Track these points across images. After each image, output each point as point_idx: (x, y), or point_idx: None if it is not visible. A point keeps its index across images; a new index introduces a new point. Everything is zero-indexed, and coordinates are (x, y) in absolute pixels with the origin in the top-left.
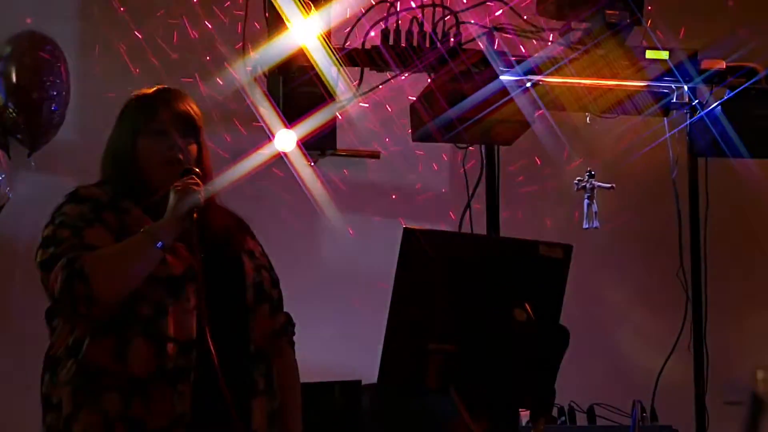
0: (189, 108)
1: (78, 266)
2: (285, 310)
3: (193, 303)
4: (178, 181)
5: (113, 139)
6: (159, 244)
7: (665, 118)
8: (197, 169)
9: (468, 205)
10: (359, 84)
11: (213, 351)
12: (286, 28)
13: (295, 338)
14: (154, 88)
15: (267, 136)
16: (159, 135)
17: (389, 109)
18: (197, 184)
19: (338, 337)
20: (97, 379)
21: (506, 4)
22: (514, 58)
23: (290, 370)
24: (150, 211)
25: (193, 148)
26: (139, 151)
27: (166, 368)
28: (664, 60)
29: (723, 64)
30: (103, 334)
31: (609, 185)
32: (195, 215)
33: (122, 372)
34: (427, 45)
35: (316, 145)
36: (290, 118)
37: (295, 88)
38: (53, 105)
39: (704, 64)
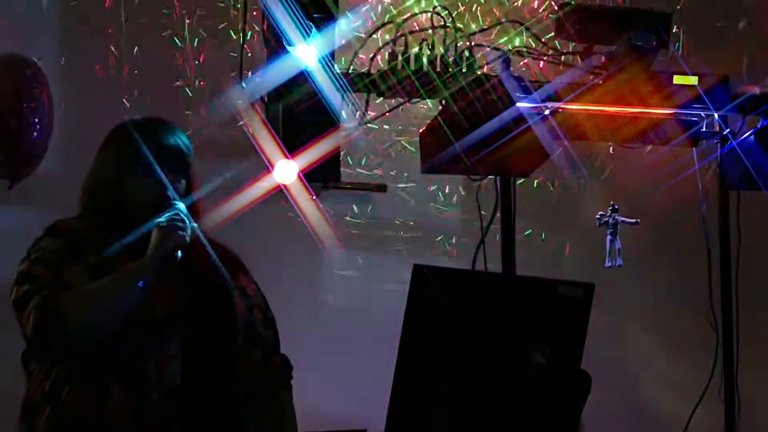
0: (179, 141)
1: (52, 305)
2: (283, 352)
3: (178, 347)
4: (162, 218)
5: (96, 170)
6: (140, 284)
7: (694, 149)
8: (183, 206)
9: (482, 241)
10: (365, 111)
11: (199, 399)
12: (287, 51)
13: (294, 383)
14: (143, 118)
15: (266, 167)
16: (146, 171)
17: (397, 139)
18: (182, 221)
19: (342, 382)
20: (75, 429)
21: (524, 26)
22: (531, 84)
23: (286, 417)
24: (133, 248)
25: (182, 183)
26: (124, 186)
27: (148, 417)
28: (693, 86)
29: (756, 90)
30: (81, 380)
31: (633, 220)
32: (180, 255)
33: (102, 421)
34: (438, 69)
35: (319, 177)
36: (291, 148)
37: (296, 115)
38: (35, 133)
39: (736, 91)
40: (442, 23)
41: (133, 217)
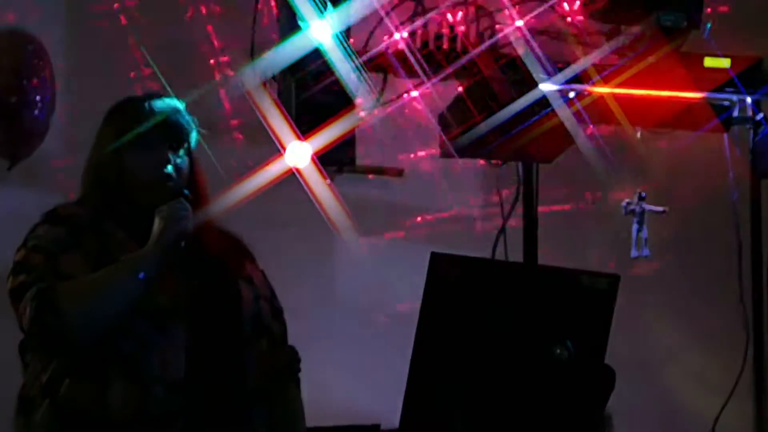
0: (182, 119)
1: (49, 297)
2: (291, 343)
3: (182, 338)
4: (164, 205)
5: (96, 151)
6: (141, 275)
7: (725, 134)
8: (187, 192)
9: (503, 229)
10: (382, 92)
11: (205, 393)
12: (300, 27)
13: (304, 376)
14: (144, 94)
15: (277, 150)
16: (147, 149)
17: (415, 121)
18: (186, 209)
19: (355, 375)
20: (75, 424)
21: (548, 4)
22: (555, 65)
23: (295, 412)
24: (135, 235)
25: (186, 165)
26: (125, 167)
27: (152, 413)
28: (725, 69)
29: None
30: (80, 374)
31: (661, 209)
32: (183, 244)
33: (103, 416)
34: (459, 49)
35: (333, 161)
36: (304, 130)
37: (310, 95)
38: (36, 111)
39: None
40: (464, 0)
41: (135, 199)
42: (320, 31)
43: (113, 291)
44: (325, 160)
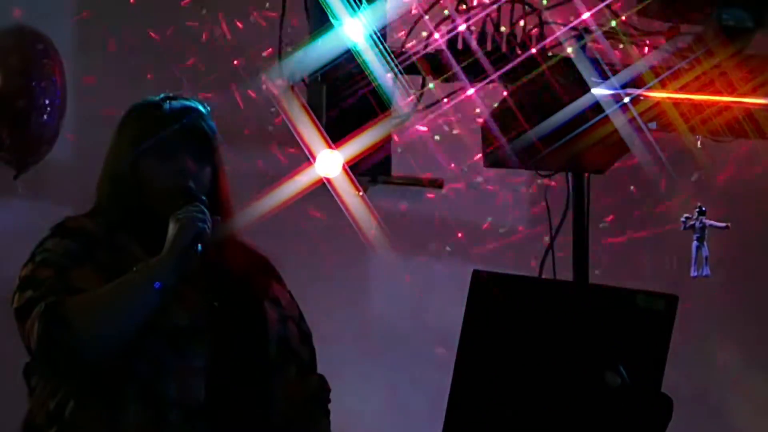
0: (203, 124)
1: (58, 312)
2: (320, 371)
3: (201, 360)
4: (180, 210)
5: (110, 158)
6: (156, 285)
7: None
8: (204, 198)
9: (551, 246)
10: (420, 96)
11: (226, 421)
12: (332, 26)
13: (332, 407)
14: (162, 97)
15: (306, 158)
16: (165, 157)
17: (456, 128)
18: (202, 212)
19: (389, 406)
20: None
21: (603, 4)
22: (609, 68)
23: None
24: (152, 249)
25: (207, 173)
26: (141, 175)
27: None
28: None
29: None
30: (91, 398)
31: (723, 224)
32: (200, 249)
33: None
34: (504, 50)
35: (367, 170)
36: (335, 137)
37: (342, 99)
38: (45, 116)
39: None
40: None
41: (151, 211)
42: (353, 31)
43: (127, 303)
44: (357, 169)
